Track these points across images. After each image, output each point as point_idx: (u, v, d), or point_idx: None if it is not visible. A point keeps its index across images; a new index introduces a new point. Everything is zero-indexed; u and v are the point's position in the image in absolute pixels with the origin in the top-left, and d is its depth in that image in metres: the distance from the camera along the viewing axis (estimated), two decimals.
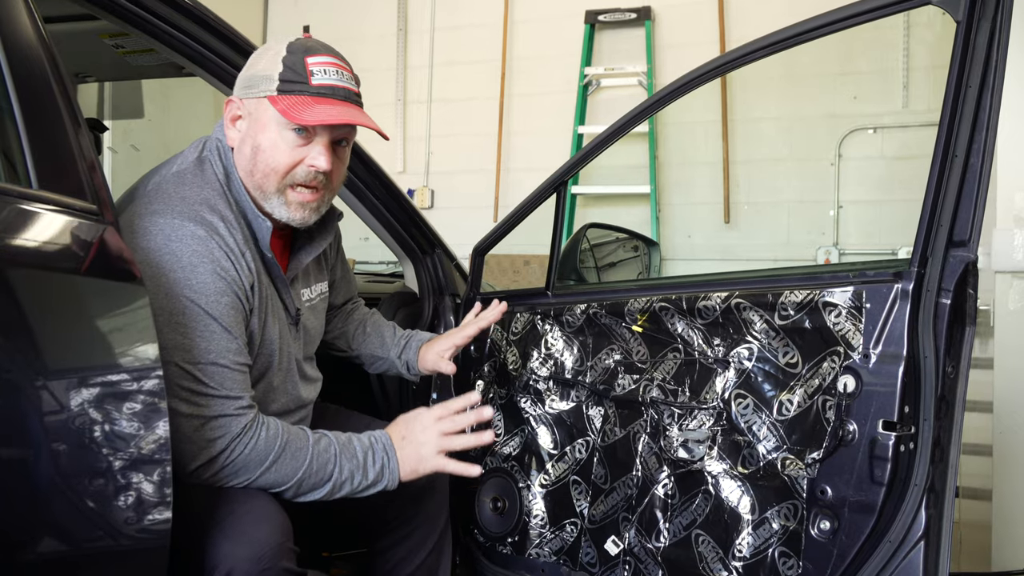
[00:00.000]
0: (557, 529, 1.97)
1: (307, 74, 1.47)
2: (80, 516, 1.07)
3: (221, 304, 1.42)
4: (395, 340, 2.00)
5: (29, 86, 1.15)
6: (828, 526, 1.53)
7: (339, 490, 1.50)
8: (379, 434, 1.57)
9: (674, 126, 5.01)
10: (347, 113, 1.48)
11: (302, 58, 1.48)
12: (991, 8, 1.40)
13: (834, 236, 4.70)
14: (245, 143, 1.52)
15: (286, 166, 1.50)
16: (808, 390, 1.58)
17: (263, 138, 1.49)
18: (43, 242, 1.10)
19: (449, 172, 5.66)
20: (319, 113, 1.46)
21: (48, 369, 1.05)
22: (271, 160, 1.49)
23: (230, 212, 1.49)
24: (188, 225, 1.42)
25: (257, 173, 1.51)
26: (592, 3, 5.17)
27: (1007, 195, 2.72)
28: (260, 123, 1.49)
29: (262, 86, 1.49)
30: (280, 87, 1.47)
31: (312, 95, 1.47)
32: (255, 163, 1.50)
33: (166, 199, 1.45)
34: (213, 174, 1.52)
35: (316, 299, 1.75)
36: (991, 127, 1.43)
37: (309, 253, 1.67)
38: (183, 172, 1.50)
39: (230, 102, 1.54)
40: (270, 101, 1.47)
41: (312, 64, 1.48)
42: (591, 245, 2.55)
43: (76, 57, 2.09)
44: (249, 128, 1.51)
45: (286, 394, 1.64)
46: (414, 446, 1.57)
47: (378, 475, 1.53)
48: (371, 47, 5.76)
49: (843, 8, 1.56)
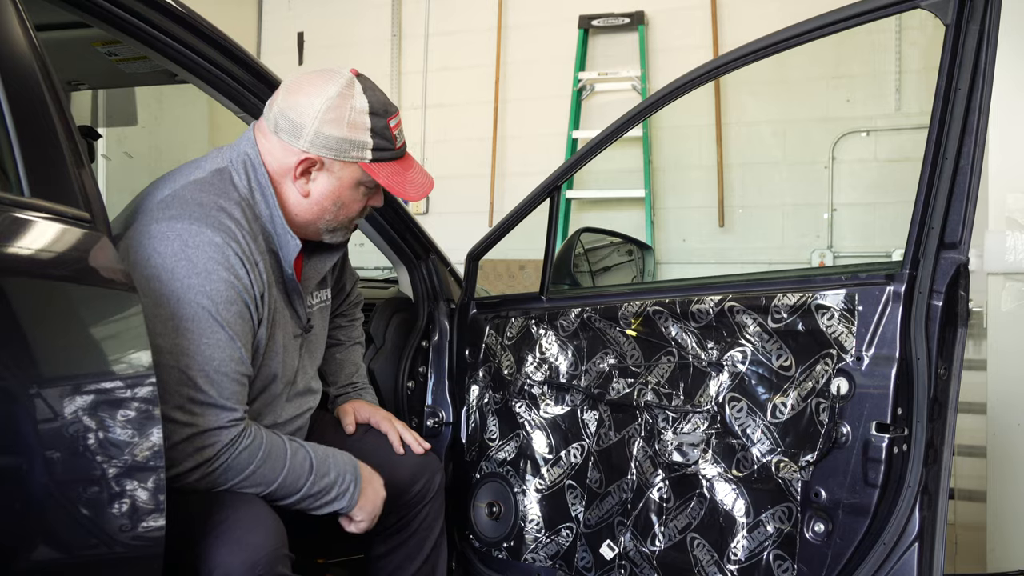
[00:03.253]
0: (553, 534, 1.97)
1: (393, 138, 1.56)
2: (74, 523, 1.07)
3: (231, 312, 1.43)
4: (346, 380, 1.95)
5: (21, 94, 1.15)
6: (822, 528, 1.53)
7: (303, 501, 1.54)
8: (354, 461, 1.62)
9: (668, 130, 5.03)
10: (427, 181, 1.62)
11: (386, 122, 1.55)
12: (979, 11, 1.41)
13: (828, 239, 4.71)
14: (326, 199, 1.57)
15: (359, 212, 1.64)
16: (801, 393, 1.59)
17: (348, 195, 1.58)
18: (35, 250, 1.10)
19: (444, 177, 5.62)
20: (415, 186, 1.59)
21: (41, 377, 1.05)
22: (351, 212, 1.62)
23: (246, 222, 1.50)
24: (206, 231, 1.43)
25: (333, 220, 1.61)
26: (585, 8, 5.18)
27: (999, 197, 2.73)
28: (346, 182, 1.56)
29: (354, 152, 1.53)
30: (374, 156, 1.54)
31: (399, 159, 1.59)
32: (335, 215, 1.60)
33: (183, 205, 1.46)
34: (232, 185, 1.53)
35: (316, 306, 1.76)
36: (981, 129, 1.43)
37: (324, 264, 1.70)
38: (202, 180, 1.51)
39: (307, 160, 1.53)
40: (364, 168, 1.54)
41: (394, 128, 1.56)
42: (585, 249, 2.55)
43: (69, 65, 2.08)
44: (332, 186, 1.56)
45: (289, 405, 1.65)
46: (374, 490, 1.65)
47: (338, 498, 1.58)
48: (365, 53, 5.76)
49: (835, 11, 1.57)
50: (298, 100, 1.52)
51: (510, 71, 5.49)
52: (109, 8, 1.50)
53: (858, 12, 1.55)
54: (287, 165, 1.54)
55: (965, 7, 1.42)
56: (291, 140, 1.52)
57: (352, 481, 1.59)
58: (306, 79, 1.55)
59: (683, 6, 5.05)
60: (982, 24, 1.41)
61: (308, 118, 1.50)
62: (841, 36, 1.61)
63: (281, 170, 1.55)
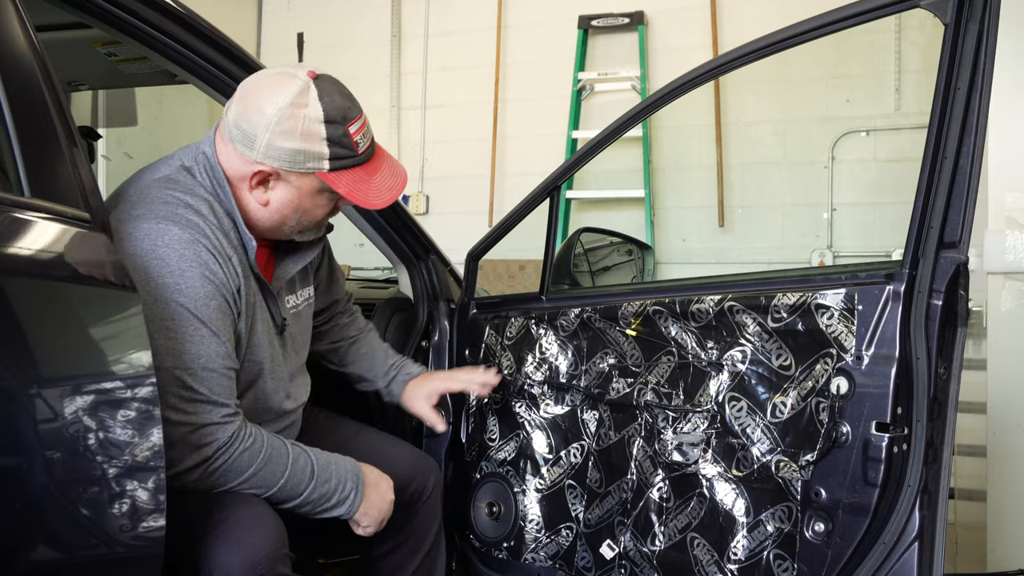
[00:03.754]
0: (553, 533, 1.97)
1: (353, 145, 1.50)
2: (75, 523, 1.07)
3: (210, 308, 1.42)
4: (385, 367, 2.01)
5: (21, 95, 1.15)
6: (822, 528, 1.53)
7: (303, 507, 1.54)
8: (356, 467, 1.62)
9: (668, 130, 5.03)
10: (396, 183, 1.56)
11: (344, 129, 1.49)
12: (979, 10, 1.41)
13: (828, 239, 4.71)
14: (287, 207, 1.54)
15: (323, 216, 1.60)
16: (801, 392, 1.59)
17: (309, 203, 1.55)
18: (36, 250, 1.10)
19: (444, 177, 5.67)
20: (380, 193, 1.53)
21: (41, 377, 1.05)
22: (316, 216, 1.58)
23: (214, 217, 1.49)
24: (173, 229, 1.41)
25: (297, 225, 1.58)
26: (585, 8, 5.18)
27: (998, 197, 2.73)
28: (304, 191, 1.53)
29: (310, 164, 1.49)
30: (332, 165, 1.50)
31: (360, 164, 1.53)
32: (299, 220, 1.57)
33: (149, 203, 1.44)
34: (197, 182, 1.51)
35: (301, 305, 1.75)
36: (980, 129, 1.43)
37: (296, 264, 1.67)
38: (166, 178, 1.50)
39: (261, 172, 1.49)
40: (322, 178, 1.50)
41: (353, 132, 1.50)
42: (585, 249, 2.56)
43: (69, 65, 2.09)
44: (290, 195, 1.52)
45: (277, 399, 1.65)
46: (379, 494, 1.64)
47: (338, 504, 1.58)
48: (365, 53, 5.77)
49: (834, 11, 1.57)
50: (249, 109, 1.47)
51: (510, 71, 5.49)
52: (109, 9, 1.50)
53: (857, 12, 1.55)
54: (243, 173, 1.51)
55: (964, 6, 1.42)
56: (245, 150, 1.48)
57: (353, 488, 1.58)
58: (260, 85, 1.50)
59: (682, 6, 5.05)
60: (981, 23, 1.41)
61: (260, 128, 1.45)
62: (840, 36, 1.61)
63: (238, 176, 1.52)
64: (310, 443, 1.65)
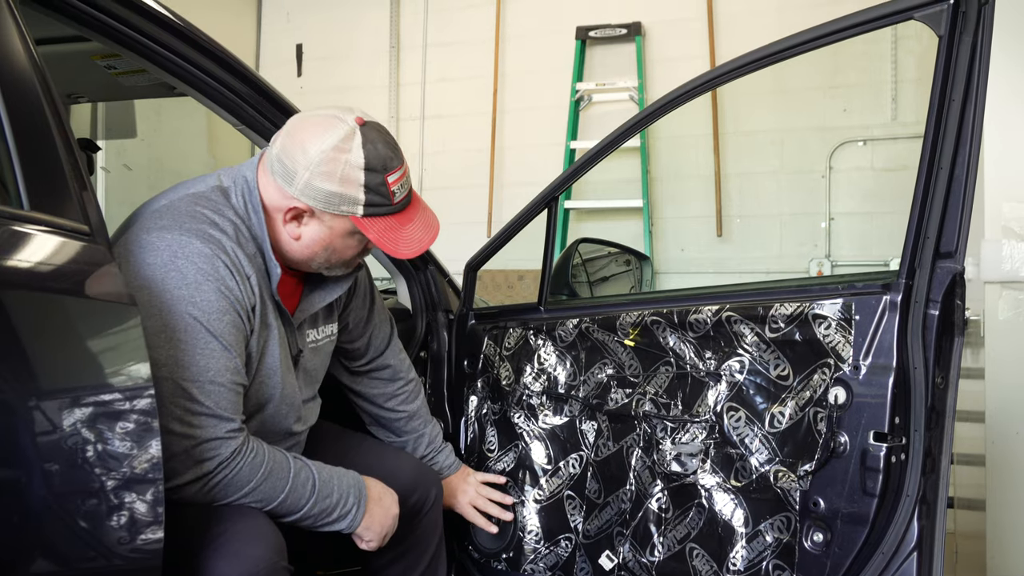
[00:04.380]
0: (552, 544, 1.97)
1: (390, 194, 1.52)
2: (73, 536, 1.07)
3: (223, 323, 1.43)
4: (419, 454, 2.01)
5: (21, 107, 1.15)
6: (821, 538, 1.53)
7: (304, 520, 1.54)
8: (359, 482, 1.62)
9: (666, 140, 5.04)
10: (426, 236, 1.57)
11: (383, 178, 1.51)
12: (972, 22, 1.42)
13: (826, 248, 4.72)
14: (316, 244, 1.56)
15: (355, 256, 1.62)
16: (799, 402, 1.59)
17: (340, 243, 1.56)
18: (35, 263, 1.10)
19: (443, 188, 5.67)
20: (410, 244, 1.55)
21: (40, 389, 1.05)
22: (345, 256, 1.60)
23: (238, 238, 1.50)
24: (195, 242, 1.43)
25: (326, 263, 1.60)
26: (583, 19, 5.20)
27: (995, 206, 2.74)
28: (336, 232, 1.54)
29: (345, 207, 1.51)
30: (366, 211, 1.51)
31: (394, 213, 1.54)
32: (327, 258, 1.59)
33: (175, 216, 1.46)
34: (229, 204, 1.53)
35: (322, 341, 1.75)
36: (975, 139, 1.44)
37: (323, 298, 1.68)
38: (199, 194, 1.52)
39: (297, 208, 1.52)
40: (355, 222, 1.52)
41: (391, 182, 1.52)
42: (583, 260, 2.56)
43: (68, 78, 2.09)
44: (322, 234, 1.55)
45: (286, 424, 1.65)
46: (383, 509, 1.64)
47: (339, 519, 1.58)
48: (364, 64, 5.78)
49: (830, 23, 1.58)
50: (293, 146, 1.49)
51: (508, 82, 5.51)
52: (108, 22, 1.51)
53: (853, 23, 1.56)
54: (279, 206, 1.53)
55: (958, 19, 1.43)
56: (284, 184, 1.50)
57: (355, 504, 1.58)
58: (307, 123, 1.51)
59: (680, 17, 5.07)
60: (975, 35, 1.42)
61: (301, 167, 1.48)
62: (837, 46, 1.62)
63: (274, 207, 1.54)
64: (312, 455, 1.65)
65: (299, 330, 1.66)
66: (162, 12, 1.60)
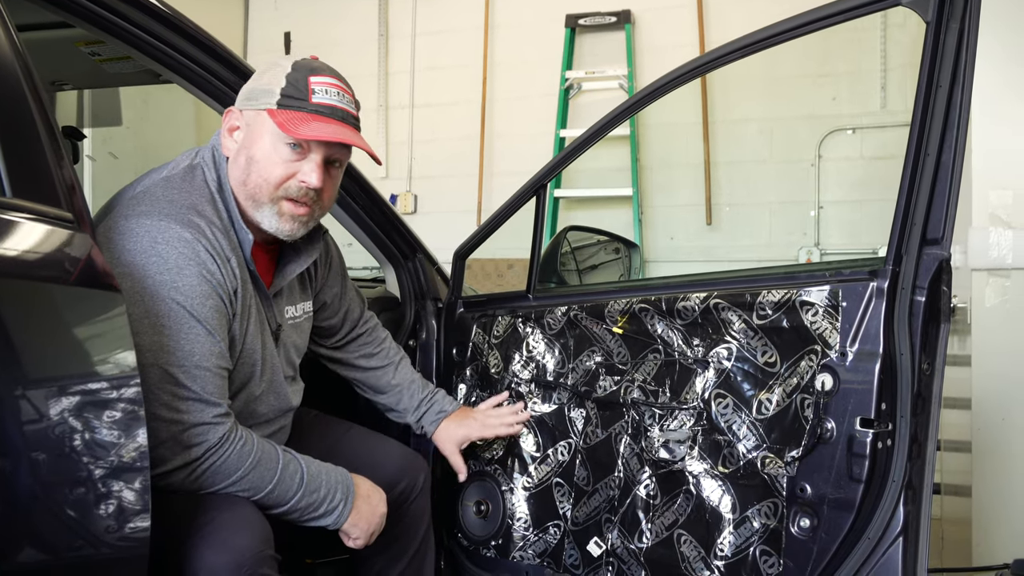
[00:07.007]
0: (540, 531, 1.97)
1: (308, 91, 1.49)
2: (60, 524, 1.07)
3: (206, 307, 1.43)
4: (416, 402, 2.01)
5: (2, 95, 1.15)
6: (808, 524, 1.54)
7: (290, 514, 1.53)
8: (347, 478, 1.61)
9: (655, 128, 5.04)
10: (342, 132, 1.50)
11: (305, 76, 1.50)
12: (959, 9, 1.42)
13: (815, 236, 4.73)
14: (240, 154, 1.53)
15: (279, 178, 1.51)
16: (786, 389, 1.59)
17: (257, 149, 1.50)
18: (17, 251, 1.09)
19: (432, 176, 5.66)
20: (315, 129, 1.48)
21: (25, 378, 1.05)
22: (264, 171, 1.51)
23: (217, 218, 1.50)
24: (175, 227, 1.42)
25: (250, 183, 1.52)
26: (572, 7, 5.19)
27: (982, 194, 2.75)
28: (256, 134, 1.51)
29: (263, 99, 1.50)
30: (280, 101, 1.49)
31: (311, 112, 1.49)
32: (248, 173, 1.51)
33: (153, 201, 1.45)
34: (203, 181, 1.53)
35: (301, 318, 1.75)
36: (962, 125, 1.44)
37: (295, 268, 1.67)
38: (172, 177, 1.51)
39: (230, 112, 1.56)
40: (268, 114, 1.49)
41: (314, 83, 1.50)
42: (572, 248, 2.56)
43: (52, 65, 2.08)
44: (245, 139, 1.53)
45: (268, 403, 1.65)
46: (371, 507, 1.63)
47: (326, 515, 1.57)
48: (352, 53, 5.75)
49: (818, 9, 1.58)
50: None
51: (497, 70, 5.49)
52: (92, 8, 1.50)
53: (842, 9, 1.56)
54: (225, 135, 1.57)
55: (945, 5, 1.43)
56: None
57: (342, 500, 1.58)
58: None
59: (669, 5, 5.06)
60: (962, 21, 1.42)
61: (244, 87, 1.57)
62: (826, 34, 1.62)
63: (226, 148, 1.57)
64: (298, 443, 1.65)
65: (277, 305, 1.65)
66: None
